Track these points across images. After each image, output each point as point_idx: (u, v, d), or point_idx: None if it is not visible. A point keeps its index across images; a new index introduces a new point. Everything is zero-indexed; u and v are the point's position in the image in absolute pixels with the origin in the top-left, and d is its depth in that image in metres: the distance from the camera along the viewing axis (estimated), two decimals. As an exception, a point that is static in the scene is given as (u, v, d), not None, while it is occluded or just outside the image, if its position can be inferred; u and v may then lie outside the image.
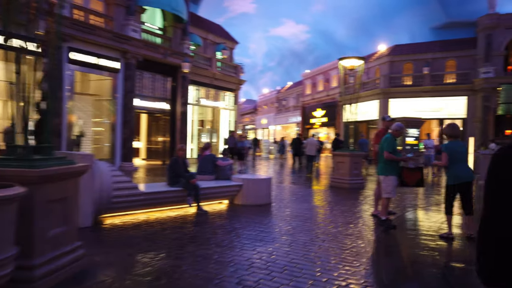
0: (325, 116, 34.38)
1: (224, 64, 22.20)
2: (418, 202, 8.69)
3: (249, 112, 60.63)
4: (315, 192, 10.05)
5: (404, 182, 6.17)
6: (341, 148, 11.84)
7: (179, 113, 18.23)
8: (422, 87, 24.48)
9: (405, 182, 6.17)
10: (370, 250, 4.67)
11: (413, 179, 6.19)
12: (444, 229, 5.71)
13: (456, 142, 5.22)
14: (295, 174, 15.26)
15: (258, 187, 7.64)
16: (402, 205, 7.94)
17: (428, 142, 13.55)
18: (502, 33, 21.98)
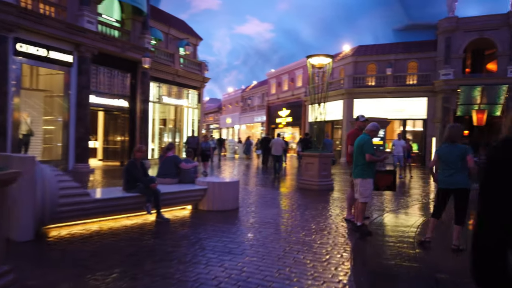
0: (290, 116, 34.32)
1: (187, 61, 21.39)
2: (387, 205, 8.48)
3: (213, 111, 59.74)
4: (283, 194, 9.64)
5: (375, 186, 5.87)
6: (309, 149, 11.51)
7: (139, 111, 17.26)
8: (385, 88, 24.89)
9: (376, 185, 5.87)
10: (348, 261, 4.26)
11: (384, 182, 5.92)
12: (421, 235, 5.45)
13: (452, 146, 4.81)
14: (261, 175, 14.83)
15: (224, 191, 7.09)
16: (370, 209, 7.67)
17: (398, 143, 13.41)
18: (461, 36, 22.74)
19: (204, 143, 13.95)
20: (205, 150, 13.70)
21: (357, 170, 5.61)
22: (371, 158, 5.46)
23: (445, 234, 5.48)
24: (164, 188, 6.58)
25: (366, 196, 5.49)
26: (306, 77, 32.81)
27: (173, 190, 6.65)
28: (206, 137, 14.61)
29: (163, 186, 6.78)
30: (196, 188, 7.03)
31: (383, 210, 7.63)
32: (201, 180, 7.30)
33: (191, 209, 7.09)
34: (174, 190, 6.67)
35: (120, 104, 16.67)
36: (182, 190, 6.80)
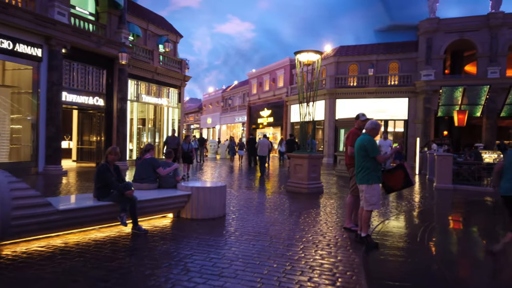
0: (272, 116, 33.84)
1: (167, 58, 20.52)
2: (382, 210, 7.99)
3: (193, 111, 58.68)
4: (271, 198, 9.03)
5: (389, 188, 5.33)
6: (298, 150, 10.93)
7: (116, 109, 16.32)
8: (367, 88, 24.72)
9: (389, 187, 5.33)
10: (363, 284, 3.69)
11: (395, 181, 5.34)
12: (426, 247, 4.96)
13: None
14: (246, 176, 14.19)
15: (210, 197, 6.41)
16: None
17: (384, 143, 12.93)
18: (442, 37, 22.78)
19: (186, 144, 13.02)
20: (187, 151, 12.84)
21: (360, 175, 5.06)
22: (381, 158, 4.94)
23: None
24: (141, 194, 5.86)
25: (373, 203, 4.94)
26: (287, 77, 32.40)
27: (152, 197, 5.93)
28: (188, 138, 13.43)
29: (140, 192, 6.05)
30: (178, 194, 6.32)
31: (379, 216, 7.13)
32: (184, 185, 6.59)
33: (172, 218, 6.38)
34: (153, 197, 5.95)
35: (96, 102, 15.69)
36: (162, 197, 6.08)
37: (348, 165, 5.85)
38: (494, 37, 21.55)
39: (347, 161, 5.86)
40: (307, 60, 10.20)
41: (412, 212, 7.95)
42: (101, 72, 16.00)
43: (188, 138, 13.34)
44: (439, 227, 6.82)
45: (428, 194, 10.87)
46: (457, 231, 6.83)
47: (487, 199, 10.11)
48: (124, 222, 5.20)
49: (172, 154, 7.03)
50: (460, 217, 8.06)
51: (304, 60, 10.27)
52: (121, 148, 16.23)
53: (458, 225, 7.35)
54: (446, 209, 9.07)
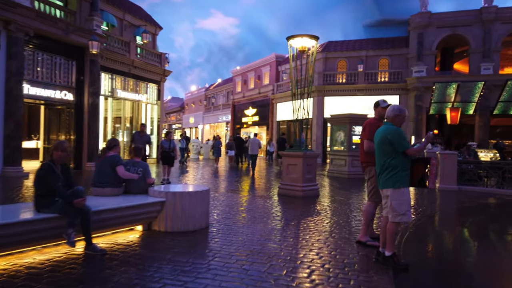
0: (257, 115, 32.64)
1: (145, 51, 19.07)
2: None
3: (175, 111, 56.99)
4: (263, 204, 7.81)
5: None
6: (291, 148, 9.75)
7: (87, 105, 14.81)
8: (356, 85, 23.82)
9: None
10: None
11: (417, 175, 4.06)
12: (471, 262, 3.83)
13: None
14: (233, 178, 12.93)
15: (189, 203, 5.15)
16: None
17: None
18: (434, 32, 22.05)
19: (167, 141, 10.92)
20: (168, 151, 10.71)
21: (384, 176, 3.88)
22: (414, 151, 3.78)
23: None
24: (101, 202, 4.56)
25: (401, 213, 3.78)
26: (273, 74, 31.27)
27: (114, 206, 4.62)
28: (170, 135, 11.22)
29: (100, 200, 4.76)
30: (149, 201, 5.03)
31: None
32: (157, 190, 5.30)
33: (142, 231, 5.10)
34: (116, 206, 4.64)
35: (64, 96, 14.16)
36: (128, 206, 4.78)
37: (364, 164, 4.67)
38: (487, 32, 20.93)
39: (363, 158, 4.69)
40: (301, 46, 9.03)
41: (433, 217, 6.86)
42: (71, 63, 14.48)
43: (170, 135, 11.23)
44: (469, 240, 5.73)
45: (433, 196, 9.85)
46: (496, 245, 5.76)
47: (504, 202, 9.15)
48: (72, 241, 3.89)
49: (143, 151, 5.71)
50: (490, 227, 7.02)
51: (298, 46, 9.09)
52: (93, 148, 14.76)
53: (491, 237, 6.29)
54: (466, 215, 8.02)
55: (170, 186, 6.20)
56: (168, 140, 11.00)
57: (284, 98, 28.24)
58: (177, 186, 6.27)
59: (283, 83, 28.84)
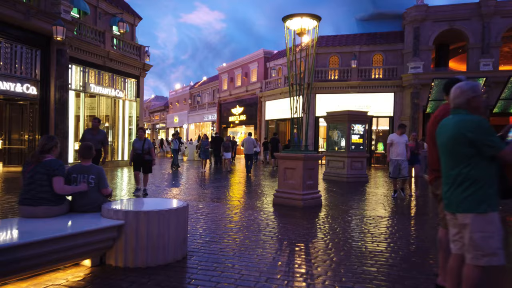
0: (244, 114, 31.18)
1: (122, 42, 17.40)
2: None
3: (159, 110, 55.02)
4: (256, 217, 6.36)
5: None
6: (288, 148, 8.31)
7: (53, 100, 13.11)
8: (349, 82, 22.60)
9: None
10: None
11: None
12: None
13: None
14: (218, 183, 11.44)
15: (159, 227, 3.67)
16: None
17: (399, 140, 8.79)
18: (431, 27, 20.98)
19: (140, 141, 8.54)
20: (141, 153, 8.43)
21: (459, 194, 2.46)
22: (507, 153, 2.37)
23: None
24: (26, 229, 3.05)
25: (490, 251, 2.38)
26: (261, 71, 29.85)
27: (47, 236, 3.10)
28: (141, 131, 8.77)
29: (28, 225, 3.24)
30: (100, 226, 3.52)
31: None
32: (112, 208, 3.79)
33: (90, 267, 3.58)
34: (49, 236, 3.11)
35: (26, 90, 12.45)
36: (67, 235, 3.26)
37: (431, 178, 3.21)
38: (486, 27, 19.95)
39: (433, 165, 3.17)
40: (300, 27, 7.61)
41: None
42: (34, 53, 12.77)
43: (141, 132, 8.72)
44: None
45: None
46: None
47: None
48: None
49: (93, 151, 4.17)
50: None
51: (296, 28, 7.67)
52: (62, 148, 13.03)
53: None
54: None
55: (133, 201, 4.59)
56: (141, 139, 8.59)
57: (273, 96, 26.87)
58: (141, 202, 4.61)
59: (272, 80, 27.45)
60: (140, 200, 4.76)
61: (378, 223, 6.02)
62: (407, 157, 8.78)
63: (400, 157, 8.73)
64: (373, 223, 6.01)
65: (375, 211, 7.16)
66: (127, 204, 4.13)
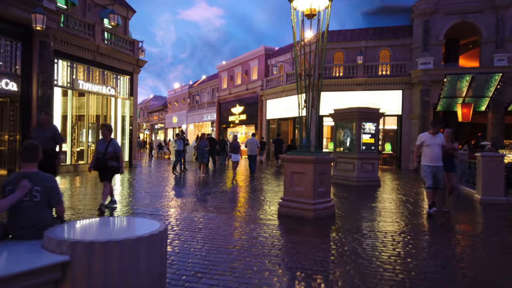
0: (244, 113, 30.04)
1: (115, 36, 16.28)
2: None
3: (157, 110, 53.95)
4: (260, 234, 5.25)
5: None
6: (295, 150, 7.18)
7: (36, 97, 12.01)
8: (355, 79, 21.46)
9: None
10: None
11: None
12: None
13: None
14: (215, 188, 10.32)
15: (123, 263, 2.55)
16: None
17: (432, 140, 6.92)
18: (441, 20, 19.87)
19: (104, 143, 6.73)
20: (104, 157, 6.65)
21: None
22: None
23: None
24: None
25: None
26: (262, 69, 28.71)
27: None
28: (105, 128, 6.87)
29: None
30: (33, 267, 2.40)
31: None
32: (56, 237, 2.65)
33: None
34: None
35: (5, 86, 11.35)
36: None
37: None
38: (500, 19, 18.82)
39: None
40: (310, 8, 6.49)
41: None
42: (14, 45, 11.67)
43: (105, 131, 6.83)
44: None
45: (492, 213, 7.43)
46: None
47: None
48: None
49: (39, 153, 3.06)
50: None
51: (305, 9, 6.56)
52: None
53: None
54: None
55: (87, 225, 3.20)
56: (106, 141, 6.76)
57: (275, 95, 25.75)
58: (99, 226, 3.21)
59: (273, 78, 26.33)
60: (99, 223, 3.34)
61: (412, 242, 4.90)
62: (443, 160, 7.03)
63: (436, 163, 6.86)
64: (404, 242, 4.89)
65: (402, 225, 6.04)
66: (78, 229, 3.00)
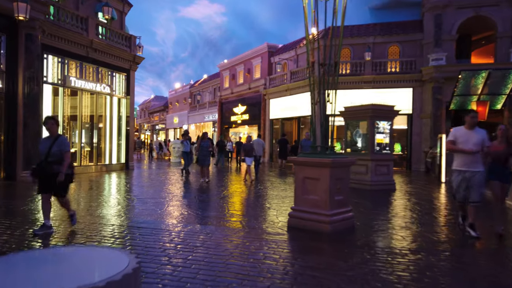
0: (247, 113, 29.08)
1: (110, 31, 15.37)
2: None
3: (158, 110, 53.11)
4: (270, 255, 4.30)
5: None
6: (308, 152, 6.22)
7: (21, 95, 11.10)
8: (362, 77, 20.48)
9: None
10: None
11: None
12: None
13: None
14: (215, 194, 9.37)
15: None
16: None
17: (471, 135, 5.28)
18: (454, 14, 18.88)
19: (47, 140, 5.17)
20: (47, 160, 5.00)
21: None
22: None
23: None
24: None
25: None
26: (265, 67, 27.76)
27: None
28: (52, 124, 5.15)
29: None
30: None
31: None
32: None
33: None
34: None
35: (-13, 83, 10.45)
36: None
37: None
38: (517, 13, 17.81)
39: None
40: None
41: None
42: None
43: (51, 125, 5.14)
44: None
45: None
46: None
47: None
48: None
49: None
50: None
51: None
52: (31, 151, 11.03)
53: None
54: None
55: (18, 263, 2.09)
56: (52, 135, 5.09)
57: (278, 93, 24.79)
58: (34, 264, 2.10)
59: (277, 76, 25.37)
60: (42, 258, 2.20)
61: (460, 263, 3.93)
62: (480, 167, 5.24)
63: (470, 167, 5.19)
64: (454, 267, 3.92)
65: (440, 241, 5.06)
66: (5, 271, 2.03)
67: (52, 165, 4.97)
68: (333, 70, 5.88)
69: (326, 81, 5.77)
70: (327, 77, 5.80)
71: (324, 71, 5.77)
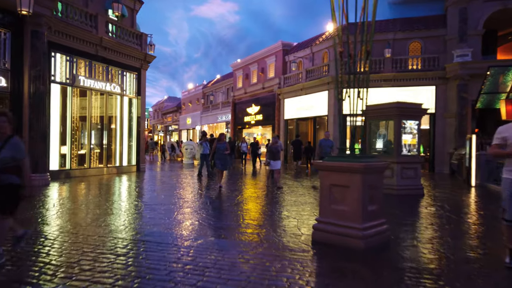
0: (261, 113, 28.39)
1: (120, 29, 14.90)
2: None
3: (171, 111, 52.86)
4: (294, 282, 3.60)
5: None
6: (335, 156, 5.49)
7: (27, 94, 10.65)
8: (382, 75, 19.59)
9: None
10: None
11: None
12: None
13: None
14: (228, 200, 8.71)
15: None
16: None
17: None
18: (480, 8, 17.85)
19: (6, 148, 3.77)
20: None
21: None
22: None
23: None
24: None
25: None
26: (279, 65, 27.04)
27: None
28: (5, 120, 3.82)
29: None
30: None
31: None
32: None
33: None
34: None
35: (-8, 82, 10.02)
36: None
37: None
38: (549, 5, 16.69)
39: None
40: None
41: None
42: (2, 35, 10.35)
43: (3, 120, 3.80)
44: None
45: None
46: None
47: None
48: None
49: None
50: None
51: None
52: (38, 153, 10.55)
53: None
54: None
55: None
56: (2, 136, 3.79)
57: (293, 93, 24.05)
58: None
59: (292, 75, 24.62)
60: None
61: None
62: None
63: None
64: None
65: (494, 259, 4.28)
66: None
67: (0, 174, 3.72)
68: (365, 61, 5.13)
69: (356, 77, 5.02)
70: (357, 71, 5.06)
71: (353, 62, 5.02)
